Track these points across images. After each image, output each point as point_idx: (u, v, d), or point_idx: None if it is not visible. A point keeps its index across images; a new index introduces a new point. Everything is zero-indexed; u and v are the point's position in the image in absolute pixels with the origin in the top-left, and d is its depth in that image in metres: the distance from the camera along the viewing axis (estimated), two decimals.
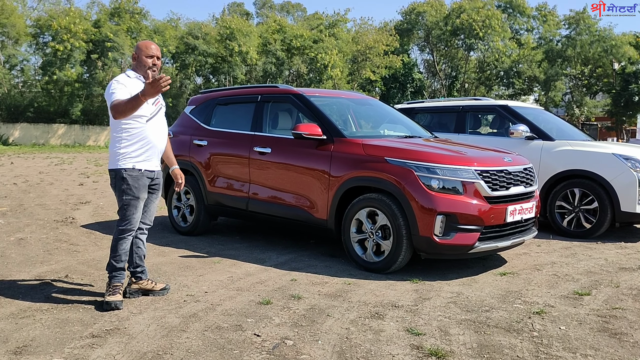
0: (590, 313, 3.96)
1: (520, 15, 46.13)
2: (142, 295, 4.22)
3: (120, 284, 4.04)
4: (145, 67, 4.02)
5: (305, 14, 55.85)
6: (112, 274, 4.03)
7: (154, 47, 4.09)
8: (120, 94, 3.82)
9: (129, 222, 4.01)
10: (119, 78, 3.98)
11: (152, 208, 4.25)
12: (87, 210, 8.43)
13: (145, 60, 4.02)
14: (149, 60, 4.02)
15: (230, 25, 36.05)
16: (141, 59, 4.03)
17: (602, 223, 6.65)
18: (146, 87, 3.61)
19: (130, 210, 3.99)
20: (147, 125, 4.03)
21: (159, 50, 4.14)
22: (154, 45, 4.10)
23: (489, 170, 4.87)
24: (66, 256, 5.46)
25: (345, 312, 3.91)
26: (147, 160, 4.04)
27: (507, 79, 44.41)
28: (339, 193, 5.17)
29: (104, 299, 3.94)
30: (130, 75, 4.04)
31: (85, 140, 34.92)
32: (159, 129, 4.12)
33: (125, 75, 4.03)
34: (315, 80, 38.82)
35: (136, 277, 4.23)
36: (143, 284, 4.23)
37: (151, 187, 4.16)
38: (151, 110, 4.04)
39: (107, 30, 33.28)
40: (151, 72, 4.03)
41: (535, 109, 8.35)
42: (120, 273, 4.05)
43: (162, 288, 4.28)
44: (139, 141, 3.99)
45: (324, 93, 6.46)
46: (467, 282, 4.77)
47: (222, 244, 6.19)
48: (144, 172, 4.02)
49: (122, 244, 4.03)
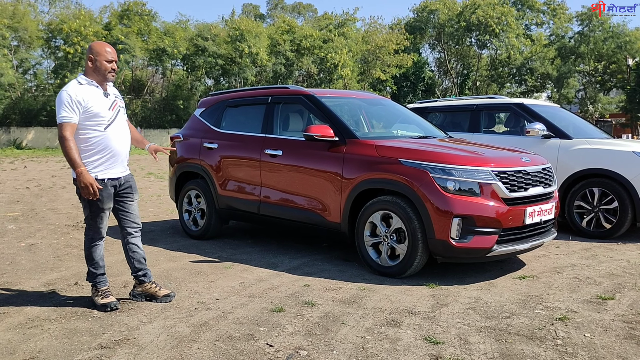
0: (616, 319, 3.81)
1: (530, 10, 45.69)
2: (145, 299, 4.19)
3: (107, 287, 4.03)
4: (105, 71, 3.88)
5: (316, 14, 55.72)
6: (94, 281, 4.02)
7: (112, 50, 3.93)
8: (73, 116, 3.72)
9: (97, 231, 4.00)
10: (70, 89, 3.78)
11: (134, 210, 4.16)
12: None
13: (105, 65, 3.86)
14: (109, 65, 3.88)
15: (240, 27, 36.02)
16: (100, 64, 3.85)
17: (622, 223, 6.47)
18: (87, 180, 3.68)
19: (96, 221, 3.95)
20: (107, 133, 3.89)
21: (115, 52, 3.99)
22: (110, 47, 3.94)
23: (506, 171, 4.73)
24: (76, 262, 5.39)
25: (361, 319, 3.79)
26: (110, 168, 3.94)
27: (519, 77, 44.01)
28: (352, 196, 5.06)
29: (98, 305, 3.94)
30: (82, 82, 3.85)
31: None
32: (120, 133, 3.98)
33: (77, 83, 3.84)
34: (326, 80, 38.70)
35: (139, 281, 4.20)
36: (147, 287, 4.19)
37: (122, 193, 4.06)
38: (109, 116, 3.89)
39: (117, 32, 33.38)
40: (111, 76, 3.91)
41: (551, 107, 8.18)
42: (103, 277, 4.04)
43: (166, 295, 4.19)
44: (100, 151, 3.86)
45: (336, 93, 6.35)
46: (485, 286, 4.63)
47: (233, 248, 6.10)
48: (107, 181, 3.91)
49: (95, 251, 4.02)
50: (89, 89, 3.82)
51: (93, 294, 4.03)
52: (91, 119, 3.79)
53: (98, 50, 3.85)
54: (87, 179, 3.70)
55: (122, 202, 4.07)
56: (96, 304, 3.96)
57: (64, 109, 3.71)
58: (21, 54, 33.92)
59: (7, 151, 28.72)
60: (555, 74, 42.41)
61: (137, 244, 4.19)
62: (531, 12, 45.50)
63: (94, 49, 3.86)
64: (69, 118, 3.71)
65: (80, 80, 3.85)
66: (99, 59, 3.84)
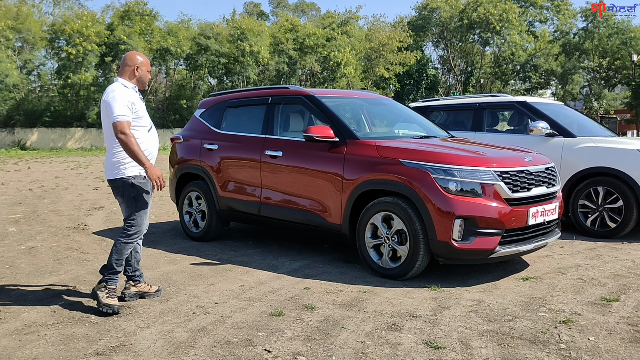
0: (620, 321, 3.75)
1: (533, 6, 45.45)
2: (139, 298, 4.27)
3: (115, 288, 4.08)
4: (145, 81, 4.19)
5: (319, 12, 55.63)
6: (109, 276, 4.05)
7: (149, 63, 4.26)
8: (128, 113, 3.91)
9: (140, 228, 4.13)
10: (120, 90, 3.98)
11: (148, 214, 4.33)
12: (100, 216, 8.35)
13: (147, 74, 4.18)
14: (149, 75, 4.21)
15: (241, 26, 35.98)
16: (144, 73, 4.16)
17: (627, 222, 6.39)
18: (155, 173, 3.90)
19: (141, 217, 4.10)
20: (149, 135, 4.19)
21: None
22: (147, 60, 4.25)
23: (509, 171, 4.66)
24: (76, 266, 5.36)
25: (361, 323, 3.74)
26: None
27: (523, 73, 43.80)
28: (352, 197, 5.00)
29: (101, 302, 3.92)
30: (128, 85, 4.08)
31: (102, 144, 35.02)
32: (155, 139, 4.26)
33: (123, 86, 4.04)
34: (329, 79, 38.61)
35: (134, 281, 4.30)
36: (141, 287, 4.32)
37: None
38: (149, 121, 4.20)
39: (120, 32, 33.39)
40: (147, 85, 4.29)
41: (555, 105, 8.09)
42: (117, 276, 4.10)
43: (156, 290, 4.37)
44: (144, 151, 4.01)
45: (336, 93, 6.29)
46: (488, 288, 4.57)
47: (234, 249, 6.05)
48: (147, 178, 4.06)
49: (127, 249, 4.12)
50: (134, 94, 4.06)
51: (97, 290, 4.00)
52: (138, 121, 4.02)
53: (143, 60, 4.15)
54: (156, 171, 3.93)
55: None
56: (99, 301, 3.94)
57: (119, 107, 3.88)
58: (25, 55, 33.98)
59: (11, 152, 28.78)
60: (559, 70, 42.18)
61: (141, 245, 4.42)
62: (534, 9, 45.26)
63: (139, 59, 4.13)
64: (126, 116, 3.88)
65: (124, 84, 4.06)
66: (143, 69, 4.14)
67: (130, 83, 4.10)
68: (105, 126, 4.04)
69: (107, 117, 3.94)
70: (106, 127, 4.02)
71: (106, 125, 4.01)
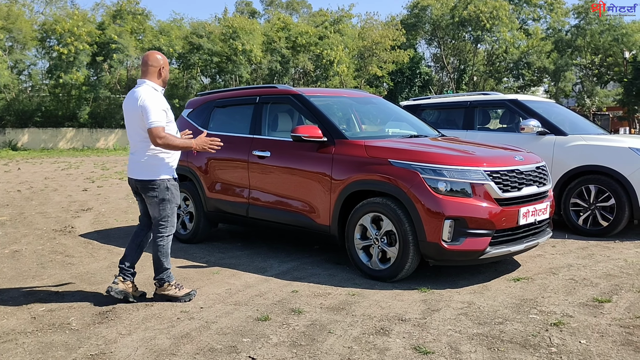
0: (612, 323, 3.68)
1: (527, 4, 45.49)
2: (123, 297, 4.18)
3: (176, 281, 4.36)
4: (166, 81, 4.28)
5: (311, 10, 55.46)
6: (166, 276, 4.26)
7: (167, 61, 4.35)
8: (162, 119, 4.03)
9: (173, 227, 4.32)
10: (153, 96, 4.07)
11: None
12: (88, 218, 8.23)
13: (168, 74, 4.30)
14: (169, 75, 4.11)
15: (233, 24, 35.80)
16: (166, 73, 4.25)
17: (619, 221, 6.34)
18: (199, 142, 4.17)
19: (173, 218, 4.30)
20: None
21: None
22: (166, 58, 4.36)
23: (499, 171, 4.59)
24: (60, 270, 5.25)
25: (348, 327, 3.66)
26: (175, 168, 4.34)
27: (516, 71, 43.81)
28: (341, 198, 4.92)
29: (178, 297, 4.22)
30: (158, 89, 4.19)
31: (94, 144, 34.86)
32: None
33: (154, 90, 4.15)
34: (322, 77, 38.48)
35: (125, 277, 4.25)
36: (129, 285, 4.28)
37: None
38: (175, 127, 4.34)
39: (111, 32, 33.15)
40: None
41: (546, 103, 8.04)
42: (170, 271, 4.31)
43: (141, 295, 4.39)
44: (174, 154, 4.28)
45: (325, 93, 6.21)
46: (478, 289, 4.50)
47: (222, 252, 5.96)
48: (177, 179, 4.35)
49: (169, 246, 4.30)
50: (162, 98, 4.18)
51: (163, 292, 4.25)
52: (168, 124, 4.14)
53: (165, 61, 4.24)
54: (200, 141, 4.18)
55: None
56: (175, 298, 4.23)
57: (156, 113, 4.00)
58: (15, 54, 33.67)
59: (2, 153, 28.51)
60: (552, 67, 42.18)
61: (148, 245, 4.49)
62: (528, 7, 45.30)
63: (162, 59, 4.21)
64: (160, 122, 4.00)
65: (154, 87, 4.17)
66: (166, 69, 4.24)
67: (159, 86, 4.20)
68: (133, 127, 4.14)
69: (138, 119, 4.05)
70: (134, 128, 4.12)
71: (134, 126, 4.11)
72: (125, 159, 24.20)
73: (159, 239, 4.24)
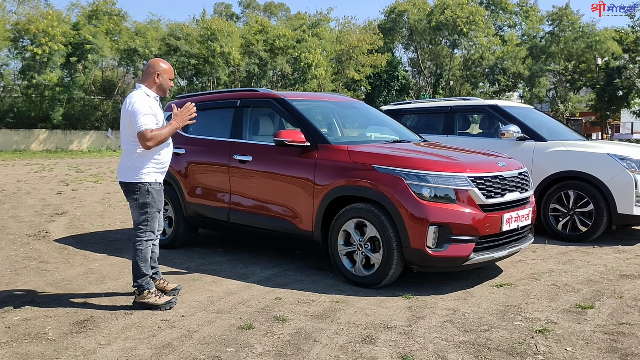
0: (597, 330, 3.69)
1: (503, 11, 46.15)
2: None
3: (155, 288, 4.27)
4: (167, 88, 4.26)
5: (289, 13, 55.42)
6: (147, 285, 4.19)
7: (173, 70, 4.36)
8: (151, 122, 4.02)
9: (152, 231, 4.25)
10: (142, 100, 4.07)
11: (162, 215, 4.54)
12: (63, 222, 8.05)
13: (168, 82, 4.26)
14: (171, 83, 4.29)
15: (211, 26, 35.60)
16: (165, 80, 4.23)
17: (598, 226, 6.41)
18: (178, 119, 4.13)
19: (153, 222, 4.24)
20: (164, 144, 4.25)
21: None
22: (171, 67, 4.35)
23: (482, 177, 4.58)
24: (34, 276, 5.10)
25: (334, 335, 3.61)
26: (161, 174, 4.29)
27: (492, 76, 44.35)
28: (324, 203, 4.87)
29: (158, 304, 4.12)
30: (149, 94, 4.18)
31: (67, 145, 34.30)
32: (170, 148, 4.39)
33: (145, 95, 4.14)
34: (300, 80, 38.48)
35: (151, 278, 4.35)
36: (157, 283, 4.44)
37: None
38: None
39: (86, 32, 32.68)
40: (168, 92, 4.33)
41: (525, 108, 8.10)
42: (149, 278, 4.23)
43: (173, 288, 4.50)
44: (158, 157, 4.20)
45: (307, 96, 6.16)
46: (462, 296, 4.49)
47: (203, 257, 5.86)
48: (161, 184, 4.27)
49: (147, 252, 4.23)
50: (154, 102, 4.17)
51: (143, 299, 4.16)
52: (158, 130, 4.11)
53: (165, 68, 4.23)
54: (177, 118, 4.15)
55: None
56: (155, 306, 4.14)
57: (143, 117, 4.00)
58: None
59: None
60: (527, 73, 42.83)
61: (157, 245, 4.49)
62: (504, 13, 45.93)
63: (161, 66, 4.23)
64: (148, 125, 4.00)
65: (146, 92, 4.17)
66: (164, 76, 4.22)
67: (152, 92, 4.19)
68: (123, 129, 4.16)
69: (127, 122, 4.08)
70: (124, 130, 4.15)
71: (124, 129, 4.14)
72: (100, 161, 23.84)
73: (138, 243, 4.19)
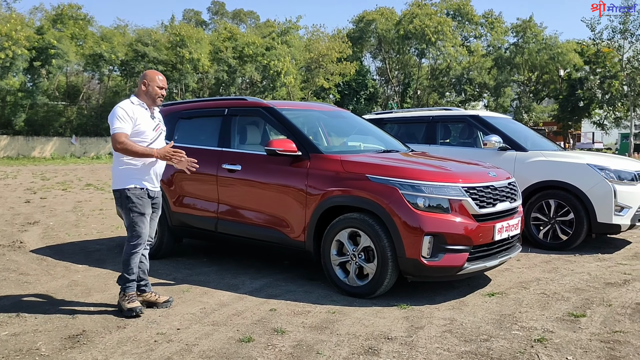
0: (592, 338, 3.75)
1: (469, 22, 47.07)
2: (146, 307, 4.34)
3: (134, 293, 4.31)
4: (156, 96, 4.32)
5: (258, 21, 55.33)
6: (125, 286, 4.27)
7: (163, 79, 4.40)
8: (126, 126, 4.12)
9: (140, 237, 4.27)
10: (124, 105, 4.21)
11: (153, 225, 4.48)
12: (36, 232, 7.81)
13: (157, 90, 4.32)
14: (160, 91, 4.33)
15: (180, 32, 35.26)
16: (153, 89, 4.30)
17: (578, 234, 6.54)
18: (162, 152, 4.18)
19: (139, 226, 4.26)
20: None
21: (165, 80, 4.45)
22: (162, 76, 4.41)
23: (475, 187, 4.63)
24: (16, 289, 4.92)
25: (336, 347, 3.58)
26: (147, 181, 4.30)
27: (459, 86, 45.12)
28: (317, 213, 4.84)
29: (124, 308, 4.19)
30: (134, 102, 4.28)
31: (29, 152, 33.40)
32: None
33: (130, 102, 4.26)
34: (269, 88, 38.39)
35: (140, 290, 4.40)
36: (147, 296, 4.42)
37: (151, 205, 4.39)
38: (152, 135, 4.31)
39: (50, 36, 31.96)
40: (159, 100, 4.37)
41: (504, 119, 8.24)
42: (133, 283, 4.31)
43: (165, 301, 4.43)
44: (142, 164, 4.25)
45: (295, 106, 6.14)
46: (456, 305, 4.51)
47: (189, 268, 5.76)
48: (146, 190, 4.28)
49: (134, 258, 4.28)
50: (139, 109, 4.26)
51: (120, 298, 4.27)
52: (138, 136, 4.20)
53: (152, 77, 4.32)
54: (162, 150, 4.20)
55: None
56: (122, 308, 4.22)
57: (118, 121, 4.12)
58: None
59: None
60: (492, 83, 43.75)
61: (146, 256, 4.46)
62: (470, 24, 46.84)
63: (149, 75, 4.33)
64: (122, 128, 4.11)
65: (132, 100, 4.29)
66: (152, 85, 4.29)
67: (138, 99, 4.30)
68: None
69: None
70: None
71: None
72: (66, 169, 23.29)
73: (126, 246, 4.32)
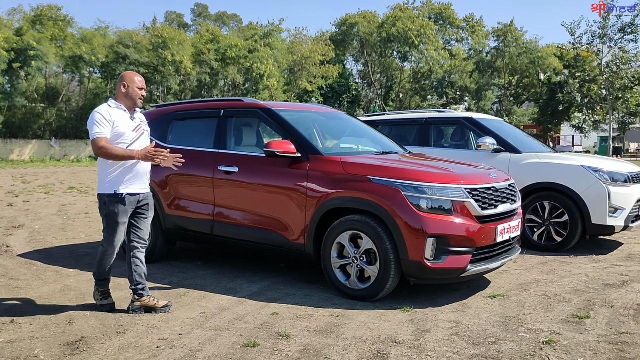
0: (600, 340, 3.74)
1: (450, 26, 47.43)
2: (144, 311, 4.27)
3: (108, 289, 4.38)
4: (136, 97, 4.26)
5: (241, 24, 55.09)
6: (98, 282, 4.37)
7: (142, 79, 4.34)
8: (104, 131, 4.06)
9: (111, 244, 4.23)
10: (101, 110, 4.14)
11: (145, 227, 4.39)
12: (22, 236, 7.62)
13: (136, 91, 4.26)
14: (139, 92, 4.27)
15: (162, 34, 34.94)
16: (132, 90, 4.24)
17: (573, 236, 6.57)
18: (143, 152, 4.07)
19: (111, 234, 4.21)
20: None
21: (144, 81, 4.40)
22: (140, 77, 4.35)
23: (477, 188, 4.60)
24: (7, 294, 4.77)
25: (344, 352, 3.51)
26: (130, 183, 4.20)
27: (440, 89, 45.42)
28: (317, 215, 4.77)
29: (97, 303, 4.37)
30: (112, 105, 4.22)
31: (7, 155, 32.77)
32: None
33: (107, 105, 4.20)
34: (252, 90, 38.20)
35: (138, 294, 4.31)
36: (145, 300, 4.31)
37: (138, 210, 4.31)
38: (132, 136, 4.22)
39: (29, 38, 31.43)
40: (140, 101, 4.29)
41: (497, 121, 8.26)
42: (106, 280, 4.37)
43: (164, 305, 4.33)
44: (122, 167, 4.17)
45: (292, 107, 6.06)
46: (459, 307, 4.47)
47: (183, 272, 5.65)
48: (126, 196, 4.17)
49: (106, 262, 4.29)
50: (117, 112, 4.20)
51: (94, 293, 4.41)
52: (117, 138, 4.13)
53: (131, 78, 4.26)
54: (143, 151, 4.09)
55: (136, 218, 4.32)
56: (96, 304, 4.38)
57: (96, 126, 4.07)
58: None
59: None
60: (473, 86, 44.11)
61: (141, 259, 4.37)
62: (451, 28, 47.21)
63: (128, 77, 4.27)
64: (102, 133, 4.07)
65: (110, 103, 4.24)
66: (131, 86, 4.24)
67: (116, 102, 4.23)
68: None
69: None
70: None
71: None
72: (46, 172, 22.88)
73: (100, 248, 4.31)
